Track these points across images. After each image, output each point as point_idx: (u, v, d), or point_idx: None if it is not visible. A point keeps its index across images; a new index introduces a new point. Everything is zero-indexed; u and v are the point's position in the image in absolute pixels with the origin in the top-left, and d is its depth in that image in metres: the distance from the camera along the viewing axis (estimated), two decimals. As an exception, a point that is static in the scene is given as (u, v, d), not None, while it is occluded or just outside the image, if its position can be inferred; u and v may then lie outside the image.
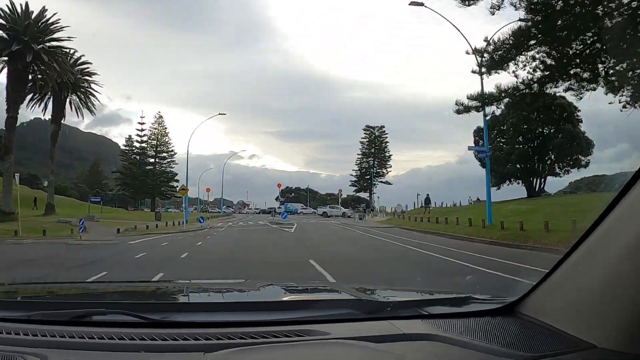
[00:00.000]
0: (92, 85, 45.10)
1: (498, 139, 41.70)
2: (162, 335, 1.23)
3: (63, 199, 52.18)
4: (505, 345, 1.19)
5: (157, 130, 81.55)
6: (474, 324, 1.36)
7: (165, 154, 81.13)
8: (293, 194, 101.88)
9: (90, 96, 44.94)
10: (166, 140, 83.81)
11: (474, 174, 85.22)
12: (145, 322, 1.32)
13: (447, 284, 8.10)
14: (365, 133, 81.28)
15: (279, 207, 69.24)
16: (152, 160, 79.42)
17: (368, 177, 75.37)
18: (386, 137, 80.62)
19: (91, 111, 45.92)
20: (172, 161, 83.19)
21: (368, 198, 76.09)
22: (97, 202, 49.89)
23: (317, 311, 1.47)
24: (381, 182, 78.49)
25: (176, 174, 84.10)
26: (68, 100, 43.21)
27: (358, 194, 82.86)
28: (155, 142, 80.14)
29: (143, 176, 75.30)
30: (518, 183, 42.41)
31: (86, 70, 44.48)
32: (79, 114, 45.46)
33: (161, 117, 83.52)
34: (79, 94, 43.92)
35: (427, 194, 40.21)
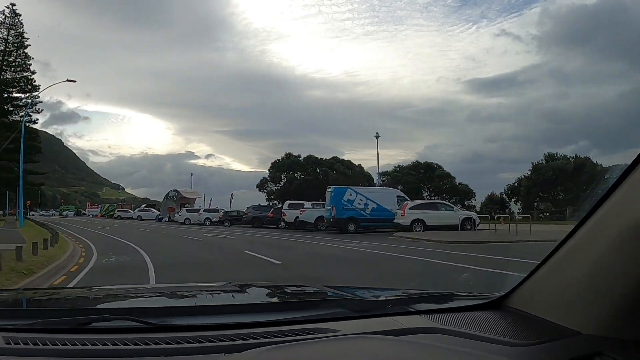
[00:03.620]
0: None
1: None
2: (174, 339, 1.21)
3: None
4: (500, 335, 1.27)
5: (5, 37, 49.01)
6: (467, 318, 1.42)
7: (17, 88, 49.75)
8: (305, 171, 55.89)
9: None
10: (22, 60, 51.09)
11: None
12: (150, 327, 1.29)
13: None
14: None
15: (288, 206, 32.49)
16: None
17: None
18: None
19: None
20: (33, 103, 50.23)
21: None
22: None
23: (318, 310, 1.50)
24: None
25: (36, 133, 53.42)
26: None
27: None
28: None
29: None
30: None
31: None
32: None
33: (15, 14, 50.93)
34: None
35: None
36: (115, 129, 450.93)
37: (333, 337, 1.24)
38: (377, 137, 40.22)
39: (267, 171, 60.15)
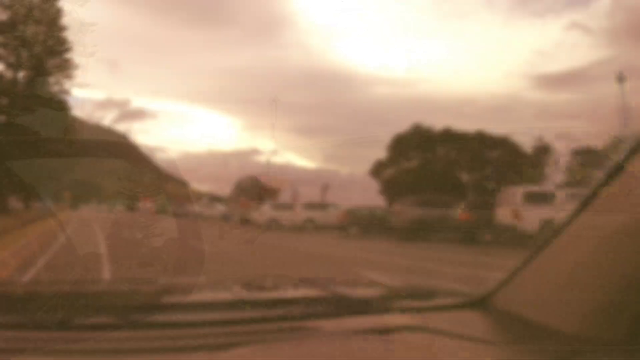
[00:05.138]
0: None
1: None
2: (157, 336, 1.20)
3: None
4: (482, 334, 1.30)
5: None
6: (450, 317, 1.43)
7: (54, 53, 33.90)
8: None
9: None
10: (52, 15, 36.20)
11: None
12: (132, 324, 1.25)
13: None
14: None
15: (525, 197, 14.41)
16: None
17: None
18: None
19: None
20: (66, 63, 35.96)
21: None
22: None
23: (298, 308, 1.48)
24: None
25: (65, 103, 38.63)
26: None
27: None
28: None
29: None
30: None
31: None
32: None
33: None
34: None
35: None
36: (181, 125, 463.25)
37: (316, 336, 1.24)
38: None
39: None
